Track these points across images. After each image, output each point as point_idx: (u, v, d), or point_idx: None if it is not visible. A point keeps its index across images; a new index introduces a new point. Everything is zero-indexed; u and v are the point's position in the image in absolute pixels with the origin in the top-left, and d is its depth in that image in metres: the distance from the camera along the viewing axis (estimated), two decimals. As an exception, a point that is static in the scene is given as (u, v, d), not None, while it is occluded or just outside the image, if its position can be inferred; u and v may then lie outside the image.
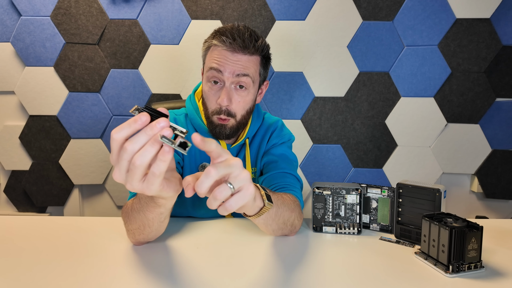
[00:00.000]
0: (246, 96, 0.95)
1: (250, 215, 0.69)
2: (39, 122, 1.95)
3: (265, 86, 1.05)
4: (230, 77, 0.92)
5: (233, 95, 0.93)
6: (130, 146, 0.47)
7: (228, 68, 0.91)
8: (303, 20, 1.88)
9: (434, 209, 0.82)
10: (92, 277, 0.67)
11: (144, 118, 0.47)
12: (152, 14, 1.87)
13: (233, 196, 0.52)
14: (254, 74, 0.95)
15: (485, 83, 1.87)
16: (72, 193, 2.02)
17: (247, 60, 0.92)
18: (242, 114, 0.97)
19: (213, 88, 0.95)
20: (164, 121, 0.47)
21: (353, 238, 0.88)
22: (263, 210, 0.68)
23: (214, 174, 0.50)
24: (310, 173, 1.98)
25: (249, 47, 0.91)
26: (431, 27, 1.85)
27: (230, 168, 0.51)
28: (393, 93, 1.91)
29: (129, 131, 0.47)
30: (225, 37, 0.90)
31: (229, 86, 0.93)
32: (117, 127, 0.47)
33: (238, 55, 0.91)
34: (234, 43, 0.90)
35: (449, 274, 0.69)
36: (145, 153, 0.47)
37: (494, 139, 1.91)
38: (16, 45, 1.87)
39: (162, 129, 0.46)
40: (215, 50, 0.93)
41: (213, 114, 0.96)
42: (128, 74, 1.91)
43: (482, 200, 2.01)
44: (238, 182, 0.52)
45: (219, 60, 0.91)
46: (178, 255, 0.77)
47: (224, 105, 0.92)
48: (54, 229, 0.90)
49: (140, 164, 0.47)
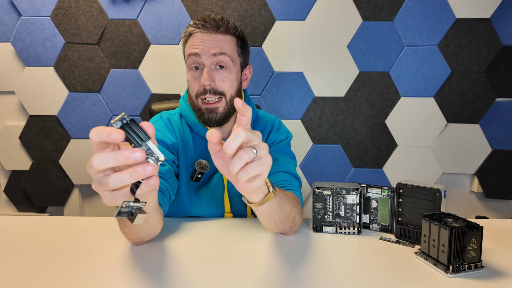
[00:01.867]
0: (229, 75, 0.97)
1: (254, 202, 0.69)
2: (39, 122, 1.95)
3: (248, 71, 1.06)
4: (207, 58, 0.95)
5: (215, 75, 0.96)
6: (95, 162, 0.47)
7: (204, 49, 0.94)
8: (303, 20, 1.88)
9: (434, 209, 0.82)
10: (92, 277, 0.67)
11: (115, 136, 0.46)
12: (152, 14, 1.87)
13: (255, 161, 0.56)
14: (232, 53, 0.98)
15: (485, 83, 1.87)
16: (72, 193, 2.02)
17: (221, 39, 0.96)
18: (231, 93, 0.98)
19: (194, 74, 0.97)
20: (140, 152, 0.46)
21: (353, 238, 0.88)
22: (267, 197, 0.69)
23: (244, 134, 0.53)
24: (310, 173, 1.98)
25: (220, 27, 0.96)
26: (431, 27, 1.85)
27: (255, 136, 0.56)
28: (393, 93, 1.91)
29: (100, 139, 0.47)
30: (197, 21, 0.96)
31: (210, 66, 0.95)
32: (96, 127, 0.47)
33: (212, 34, 0.95)
34: (206, 24, 0.95)
35: (449, 274, 0.69)
36: (121, 181, 0.47)
37: (494, 139, 1.91)
38: (16, 45, 1.87)
39: (135, 160, 0.46)
40: (191, 38, 0.98)
41: (198, 96, 0.97)
42: (128, 74, 1.91)
43: (482, 200, 2.01)
44: (260, 150, 0.56)
45: (195, 44, 0.96)
46: (177, 255, 0.77)
47: (207, 84, 0.94)
48: (54, 229, 0.90)
49: (113, 187, 0.48)
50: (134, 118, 0.48)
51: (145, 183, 0.49)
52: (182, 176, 1.01)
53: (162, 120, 1.05)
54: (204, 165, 1.01)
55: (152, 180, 0.49)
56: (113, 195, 0.49)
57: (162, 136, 0.99)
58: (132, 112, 1.94)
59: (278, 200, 0.75)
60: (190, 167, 1.02)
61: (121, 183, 0.47)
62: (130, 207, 0.49)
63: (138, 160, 0.46)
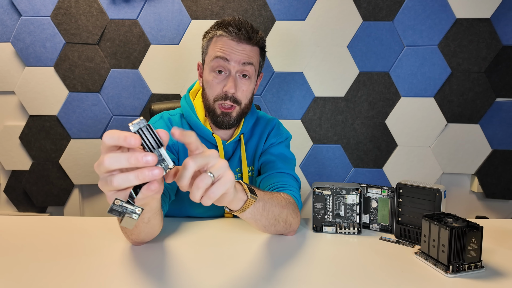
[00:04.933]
0: (249, 85, 0.99)
1: (235, 210, 0.69)
2: (39, 122, 1.95)
3: (259, 78, 1.07)
4: (236, 65, 0.95)
5: (238, 83, 0.96)
6: (107, 161, 0.47)
7: (234, 57, 0.94)
8: (303, 20, 1.88)
9: (434, 209, 0.82)
10: (92, 277, 0.67)
11: (133, 141, 0.46)
12: (152, 14, 1.87)
13: (215, 184, 0.54)
14: (256, 64, 1.00)
15: (485, 83, 1.87)
16: (72, 193, 2.02)
17: (250, 50, 0.96)
18: (245, 102, 1.00)
19: (217, 77, 0.97)
20: (152, 156, 0.46)
21: (353, 238, 0.88)
22: (247, 203, 0.69)
23: (193, 164, 0.51)
24: (310, 173, 1.98)
25: (252, 38, 0.95)
26: (431, 27, 1.85)
27: (208, 158, 0.53)
28: (393, 93, 1.91)
29: (116, 143, 0.47)
30: (231, 27, 0.94)
31: (235, 74, 0.96)
32: (111, 131, 0.47)
33: (243, 45, 0.95)
34: (239, 33, 0.94)
35: (449, 274, 0.69)
36: (126, 182, 0.47)
37: (494, 139, 1.91)
38: (16, 45, 1.87)
39: (146, 163, 0.46)
40: (220, 40, 0.96)
41: (216, 100, 0.97)
42: (128, 74, 1.91)
43: (482, 200, 2.01)
44: (217, 170, 0.54)
45: (225, 49, 0.94)
46: (177, 255, 0.77)
47: (231, 93, 0.95)
48: (54, 229, 0.90)
49: (117, 186, 0.47)
50: (150, 124, 0.48)
51: (146, 187, 0.48)
52: None
53: (163, 120, 1.05)
54: None
55: (153, 185, 0.49)
56: (117, 196, 0.49)
57: None
58: (132, 112, 1.94)
59: (262, 204, 0.75)
60: None
61: (126, 183, 0.47)
62: (123, 207, 0.49)
63: (149, 163, 0.46)
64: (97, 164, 0.48)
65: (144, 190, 0.49)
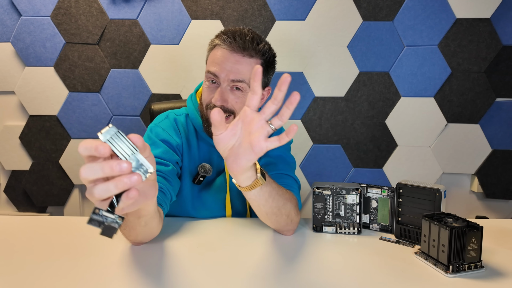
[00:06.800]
0: (242, 97, 0.95)
1: (242, 186, 0.70)
2: (39, 122, 1.95)
3: (267, 92, 1.03)
4: (225, 80, 0.92)
5: (228, 96, 0.93)
6: (83, 173, 0.46)
7: (223, 71, 0.91)
8: (303, 20, 1.88)
9: (434, 209, 0.82)
10: (92, 277, 0.67)
11: (102, 151, 0.45)
12: (152, 14, 1.87)
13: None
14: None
15: (485, 83, 1.87)
16: (72, 193, 2.02)
17: (244, 62, 0.92)
18: None
19: (210, 86, 0.96)
20: (127, 164, 0.45)
21: (353, 238, 0.88)
22: (254, 183, 0.70)
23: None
24: (310, 173, 1.98)
25: (248, 49, 0.91)
26: (431, 27, 1.85)
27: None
28: (393, 93, 1.91)
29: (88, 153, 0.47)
30: (226, 36, 0.92)
31: (225, 87, 0.93)
32: (84, 141, 0.46)
33: (237, 55, 0.91)
34: (234, 43, 0.91)
35: (449, 274, 0.69)
36: (106, 191, 0.46)
37: (494, 139, 1.91)
38: (16, 45, 1.87)
39: (121, 172, 0.45)
40: (216, 50, 0.94)
41: (207, 108, 0.96)
42: (128, 74, 1.91)
43: (482, 200, 2.01)
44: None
45: (217, 62, 0.92)
46: (177, 255, 0.77)
47: (218, 105, 0.92)
48: (54, 229, 0.90)
49: (98, 197, 0.47)
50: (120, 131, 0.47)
51: (125, 195, 0.47)
52: (185, 178, 1.01)
53: (168, 120, 1.03)
54: (208, 169, 1.01)
55: (131, 193, 0.47)
56: (103, 205, 0.48)
57: (167, 137, 0.98)
58: (132, 112, 1.94)
59: (269, 190, 0.75)
60: (194, 170, 1.02)
61: (106, 192, 0.46)
62: (103, 217, 0.47)
63: (124, 170, 0.45)
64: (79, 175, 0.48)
65: (124, 199, 0.48)
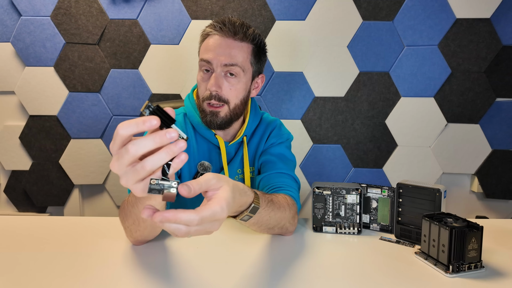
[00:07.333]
0: (237, 84, 0.96)
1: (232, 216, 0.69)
2: (39, 122, 1.95)
3: (261, 80, 1.05)
4: (218, 65, 0.94)
5: (222, 82, 0.95)
6: (133, 149, 0.47)
7: (217, 57, 0.93)
8: (303, 20, 1.88)
9: (434, 209, 0.82)
10: (92, 277, 0.67)
11: (154, 122, 0.46)
12: (152, 14, 1.87)
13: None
14: (244, 63, 0.96)
15: (485, 83, 1.87)
16: (72, 193, 2.02)
17: (236, 47, 0.94)
18: (235, 102, 0.98)
19: (204, 76, 0.97)
20: (174, 131, 0.47)
21: (353, 238, 0.88)
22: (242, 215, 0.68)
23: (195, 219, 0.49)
24: (310, 173, 1.98)
25: (238, 33, 0.94)
26: (431, 27, 1.85)
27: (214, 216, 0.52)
28: (393, 93, 1.91)
29: (136, 130, 0.47)
30: (217, 23, 0.95)
31: (219, 73, 0.95)
32: (124, 122, 0.47)
33: (229, 40, 0.94)
34: (224, 28, 0.93)
35: (449, 274, 0.69)
36: (159, 161, 0.48)
37: (494, 139, 1.91)
38: (16, 45, 1.87)
39: (171, 139, 0.47)
40: (208, 39, 0.96)
41: (204, 101, 0.97)
42: (128, 74, 1.91)
43: (482, 200, 2.01)
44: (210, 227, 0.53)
45: (210, 49, 0.94)
46: (177, 255, 0.77)
47: (213, 90, 0.94)
48: (54, 229, 0.90)
49: (150, 169, 0.48)
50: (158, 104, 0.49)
51: (177, 160, 0.49)
52: (184, 176, 1.01)
53: None
54: (207, 167, 1.01)
55: (183, 156, 0.50)
56: (146, 182, 0.49)
57: None
58: (132, 112, 1.94)
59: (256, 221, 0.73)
60: (193, 168, 1.02)
61: (159, 162, 0.47)
62: (160, 185, 0.49)
63: (173, 138, 0.47)
64: (116, 159, 0.48)
65: (175, 164, 0.49)
